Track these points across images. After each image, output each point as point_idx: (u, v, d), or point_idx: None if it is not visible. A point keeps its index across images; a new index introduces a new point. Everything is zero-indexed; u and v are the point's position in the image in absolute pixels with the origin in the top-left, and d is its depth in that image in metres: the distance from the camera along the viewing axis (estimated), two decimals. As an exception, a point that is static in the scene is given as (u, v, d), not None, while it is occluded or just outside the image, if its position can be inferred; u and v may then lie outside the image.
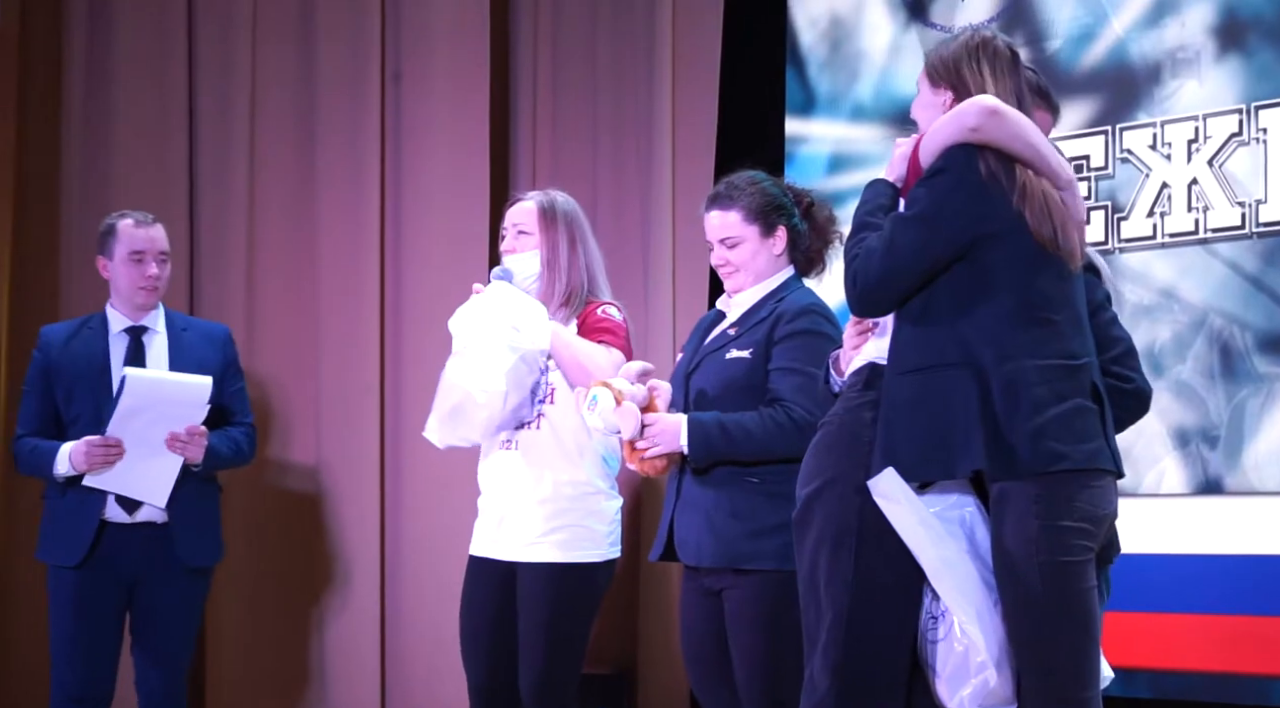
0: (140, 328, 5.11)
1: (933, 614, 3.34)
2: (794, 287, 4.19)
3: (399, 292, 6.45)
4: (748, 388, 4.09)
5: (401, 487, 6.38)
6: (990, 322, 3.25)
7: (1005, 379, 3.21)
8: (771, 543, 3.97)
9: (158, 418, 4.90)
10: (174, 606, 5.04)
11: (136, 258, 5.07)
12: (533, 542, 4.36)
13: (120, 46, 6.44)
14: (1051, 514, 3.19)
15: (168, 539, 4.99)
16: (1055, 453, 3.20)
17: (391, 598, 6.37)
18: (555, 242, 4.51)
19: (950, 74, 3.44)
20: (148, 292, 5.09)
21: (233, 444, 5.12)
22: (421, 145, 6.52)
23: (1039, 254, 3.28)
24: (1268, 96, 5.17)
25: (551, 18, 6.73)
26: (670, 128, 6.39)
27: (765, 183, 4.23)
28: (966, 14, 5.83)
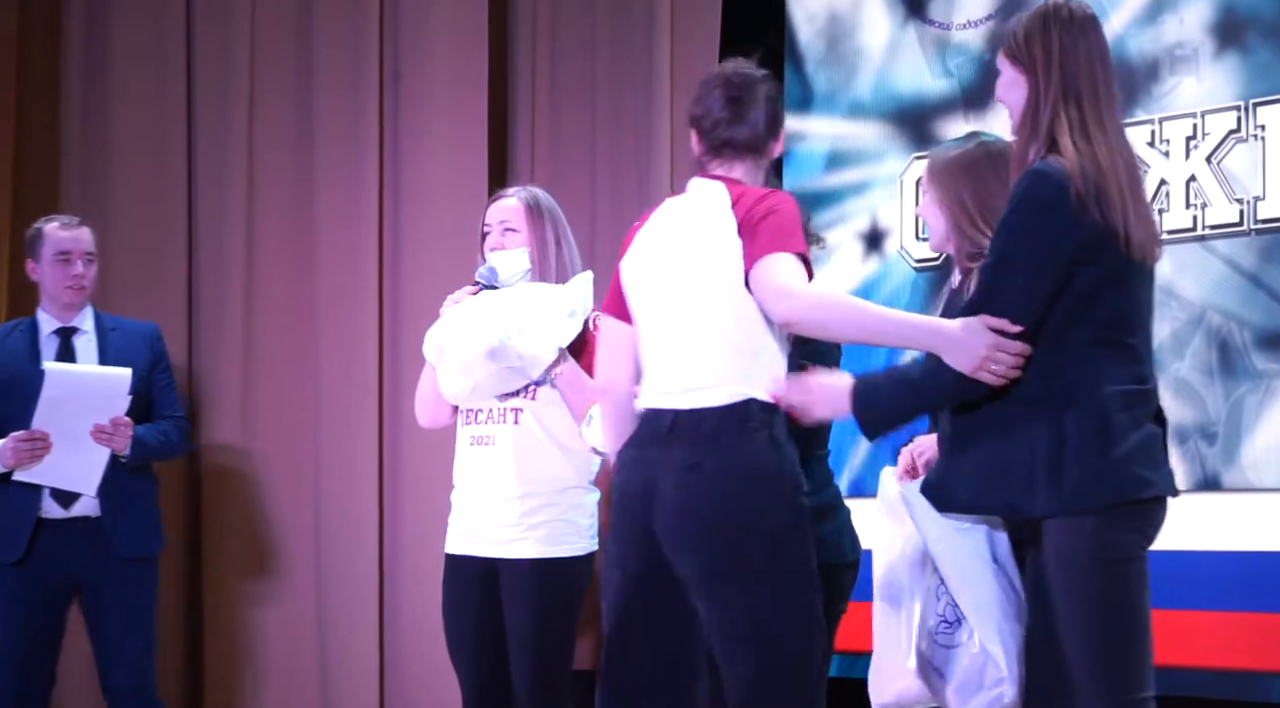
0: (70, 329, 5.23)
1: (945, 619, 3.32)
2: None
3: (397, 291, 6.45)
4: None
5: (400, 485, 6.38)
6: (1071, 348, 3.19)
7: (1090, 408, 3.17)
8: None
9: (81, 410, 5.01)
10: (120, 598, 5.13)
11: (63, 258, 5.18)
12: (516, 538, 4.31)
13: (119, 46, 6.45)
14: (1119, 544, 3.17)
15: (103, 533, 5.09)
16: (1143, 480, 3.18)
17: (390, 597, 6.37)
18: (543, 239, 4.48)
19: (1021, 51, 3.34)
20: (74, 291, 5.19)
21: (161, 436, 5.22)
22: (420, 145, 6.52)
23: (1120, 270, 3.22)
24: (1266, 93, 5.17)
25: (550, 17, 6.73)
26: (669, 125, 6.39)
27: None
28: (964, 11, 5.83)
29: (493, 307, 4.31)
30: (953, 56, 5.86)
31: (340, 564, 6.35)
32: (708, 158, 3.70)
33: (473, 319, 4.30)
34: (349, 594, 6.33)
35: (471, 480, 4.38)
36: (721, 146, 3.68)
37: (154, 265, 6.40)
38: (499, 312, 4.28)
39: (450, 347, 4.32)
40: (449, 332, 4.34)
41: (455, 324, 4.33)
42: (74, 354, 5.20)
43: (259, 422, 6.42)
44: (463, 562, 4.39)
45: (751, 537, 3.45)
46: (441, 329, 4.37)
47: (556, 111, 6.71)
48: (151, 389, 5.26)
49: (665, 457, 3.52)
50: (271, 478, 6.39)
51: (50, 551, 5.07)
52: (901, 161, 5.89)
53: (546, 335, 4.27)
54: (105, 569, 5.10)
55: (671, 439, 3.52)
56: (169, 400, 5.33)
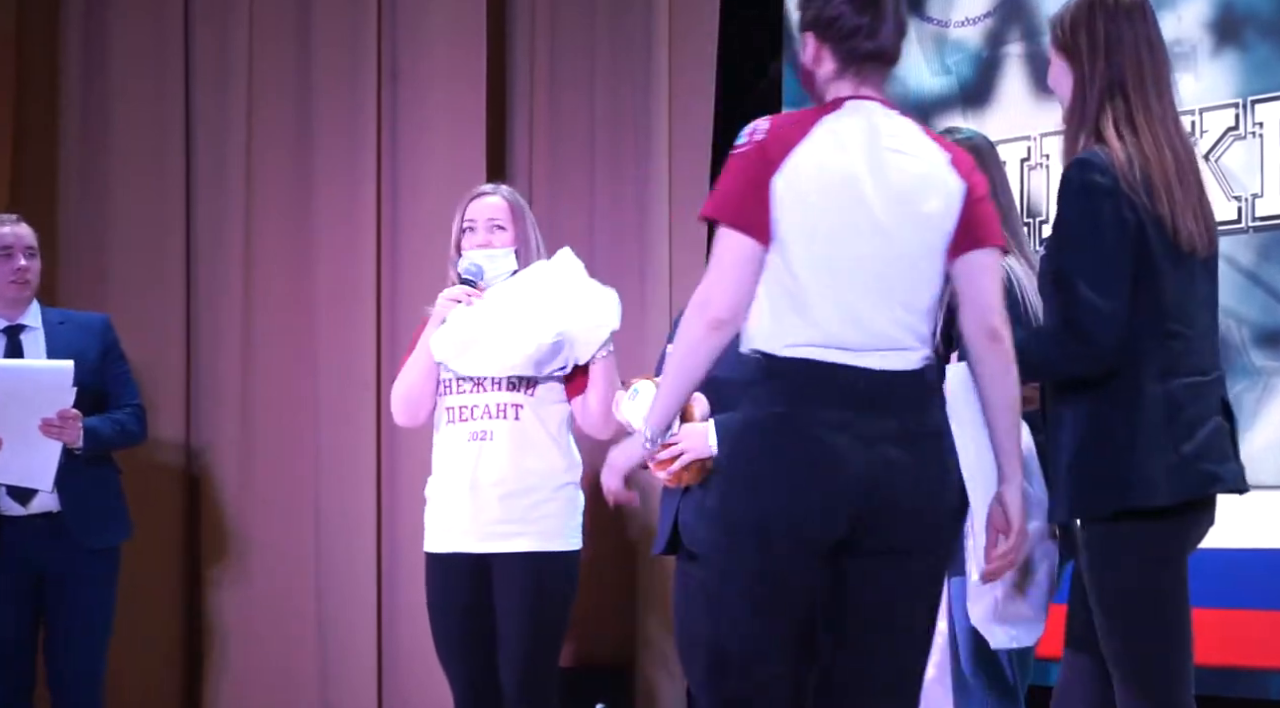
0: (18, 326, 5.22)
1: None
2: None
3: (395, 288, 6.45)
4: None
5: (398, 482, 6.38)
6: (1133, 338, 3.17)
7: (1160, 400, 3.16)
8: None
9: (27, 406, 5.00)
10: (81, 590, 5.13)
11: (5, 253, 5.18)
12: (517, 532, 4.32)
13: (117, 45, 6.45)
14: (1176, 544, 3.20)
15: (65, 527, 5.08)
16: (1211, 476, 3.20)
17: (389, 594, 6.38)
18: (526, 237, 4.50)
19: (1067, 40, 3.29)
20: (18, 285, 5.19)
21: (116, 425, 5.20)
22: (418, 142, 6.52)
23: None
24: (1264, 91, 5.17)
25: (548, 14, 6.73)
26: (667, 122, 6.40)
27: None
28: (962, 8, 5.83)
29: (533, 295, 4.30)
30: (951, 53, 5.86)
31: (338, 562, 6.35)
32: (840, 73, 3.15)
33: (513, 310, 4.29)
34: (347, 592, 6.33)
35: (466, 476, 4.35)
36: (864, 59, 3.14)
37: (153, 264, 6.40)
38: (544, 301, 4.28)
39: (490, 338, 4.29)
40: (477, 325, 4.31)
41: (486, 317, 4.30)
42: (21, 351, 5.18)
43: (257, 419, 6.42)
44: (453, 560, 4.38)
45: (959, 523, 3.33)
46: (462, 326, 4.34)
47: (555, 109, 6.71)
48: (105, 380, 5.24)
49: (878, 425, 3.02)
50: (269, 475, 6.39)
51: (14, 549, 5.06)
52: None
53: (599, 319, 4.32)
54: (70, 562, 5.09)
55: (881, 405, 3.04)
56: (125, 390, 5.31)
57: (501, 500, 4.32)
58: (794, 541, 2.99)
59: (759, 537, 3.00)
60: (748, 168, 3.05)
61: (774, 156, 3.05)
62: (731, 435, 3.13)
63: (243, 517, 6.34)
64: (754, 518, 3.01)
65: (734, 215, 3.05)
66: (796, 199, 3.04)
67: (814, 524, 2.99)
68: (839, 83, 3.15)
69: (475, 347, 4.30)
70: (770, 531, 2.99)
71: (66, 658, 5.12)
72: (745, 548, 3.02)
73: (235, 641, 6.33)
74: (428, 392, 4.42)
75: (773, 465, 3.01)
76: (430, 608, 4.43)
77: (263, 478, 6.38)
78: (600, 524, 6.23)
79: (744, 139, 3.08)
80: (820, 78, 3.17)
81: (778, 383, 3.02)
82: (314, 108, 6.54)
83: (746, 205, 3.04)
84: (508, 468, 4.33)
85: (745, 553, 3.02)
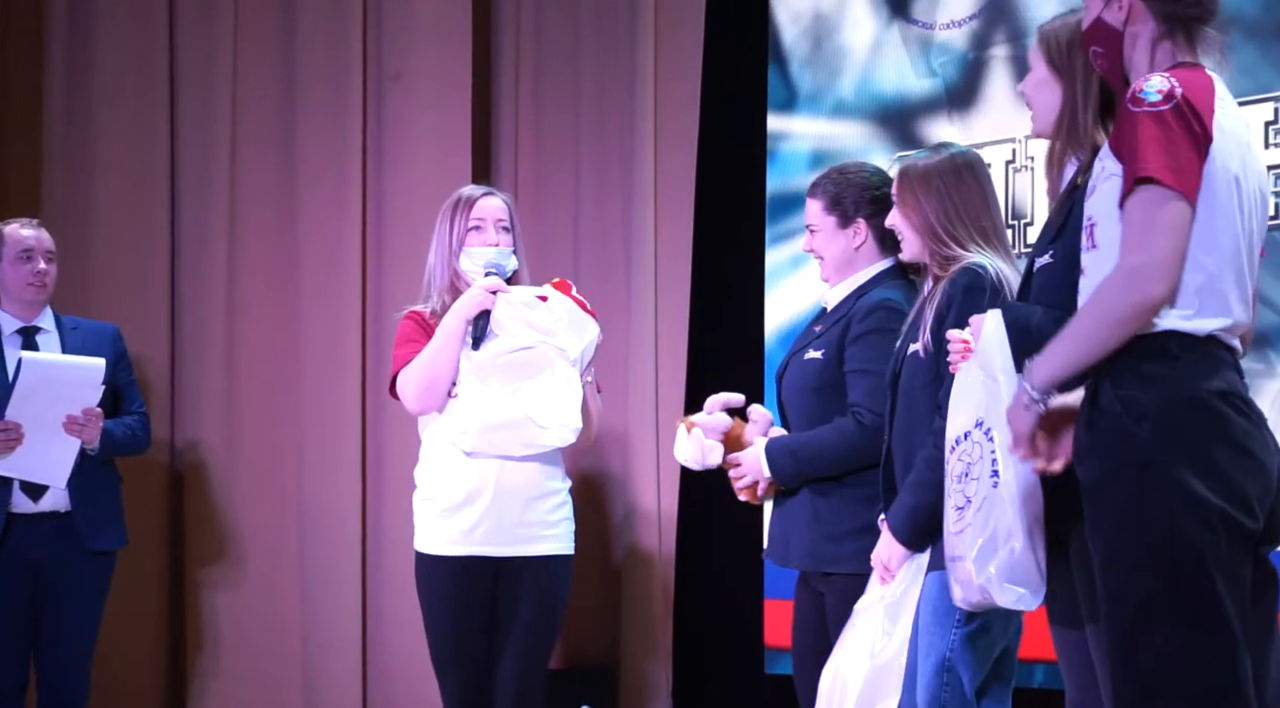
0: (33, 328, 5.29)
1: (957, 506, 3.23)
2: (882, 283, 4.12)
3: (380, 291, 6.44)
4: (819, 389, 4.09)
5: (383, 484, 6.37)
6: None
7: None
8: (850, 547, 3.97)
9: (54, 400, 5.06)
10: (79, 590, 5.20)
11: (25, 256, 5.25)
12: (540, 536, 4.46)
13: (101, 49, 6.42)
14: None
15: (71, 526, 5.15)
16: None
17: (373, 596, 6.37)
18: (521, 241, 4.64)
19: (1061, 58, 3.27)
20: (36, 288, 5.26)
21: (127, 430, 5.30)
22: (403, 147, 6.51)
23: None
24: (1250, 93, 5.17)
25: (533, 17, 6.73)
26: (652, 124, 6.39)
27: (862, 174, 4.21)
28: (948, 11, 5.83)
29: (519, 389, 4.41)
30: (936, 56, 5.86)
31: (322, 564, 6.34)
32: (1182, 38, 3.02)
33: (502, 400, 4.40)
34: (331, 594, 6.32)
35: (489, 482, 4.42)
36: (1190, 21, 3.03)
37: (137, 266, 6.38)
38: (528, 397, 4.40)
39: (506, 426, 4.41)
40: (494, 410, 4.40)
41: (501, 402, 4.40)
42: (37, 351, 5.23)
43: (241, 421, 6.40)
44: (470, 563, 4.43)
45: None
46: (480, 410, 4.41)
47: (540, 112, 6.70)
48: (116, 385, 5.32)
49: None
50: (254, 477, 6.38)
51: (18, 544, 5.11)
52: (885, 161, 5.87)
53: (570, 409, 4.43)
54: (69, 560, 5.15)
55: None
56: (131, 396, 5.41)
57: (526, 505, 4.43)
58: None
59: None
60: (1185, 128, 2.84)
61: (1205, 118, 2.87)
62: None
63: (227, 517, 6.32)
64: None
65: (1187, 183, 2.82)
66: (1221, 167, 2.87)
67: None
68: (1167, 43, 3.01)
69: (494, 432, 4.40)
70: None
71: (55, 657, 5.16)
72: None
73: (220, 642, 6.31)
74: (450, 378, 4.45)
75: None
76: (435, 611, 4.49)
77: (247, 479, 6.37)
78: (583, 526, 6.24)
79: (1156, 97, 2.86)
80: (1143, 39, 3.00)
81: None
82: (299, 111, 6.52)
83: (1196, 172, 2.84)
84: (531, 474, 4.44)
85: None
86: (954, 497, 3.25)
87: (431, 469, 4.51)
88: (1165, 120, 2.83)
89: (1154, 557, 2.80)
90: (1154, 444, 2.80)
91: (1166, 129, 2.83)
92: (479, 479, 4.43)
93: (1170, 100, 2.84)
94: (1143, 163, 2.82)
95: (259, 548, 6.36)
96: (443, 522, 4.46)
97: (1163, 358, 2.84)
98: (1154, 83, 2.87)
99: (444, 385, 4.45)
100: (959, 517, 3.23)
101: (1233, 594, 2.79)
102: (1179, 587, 2.78)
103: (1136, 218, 2.82)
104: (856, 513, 3.97)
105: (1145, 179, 2.81)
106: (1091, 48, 3.07)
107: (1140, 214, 2.82)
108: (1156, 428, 2.80)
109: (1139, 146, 2.83)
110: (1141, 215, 2.82)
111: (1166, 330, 2.84)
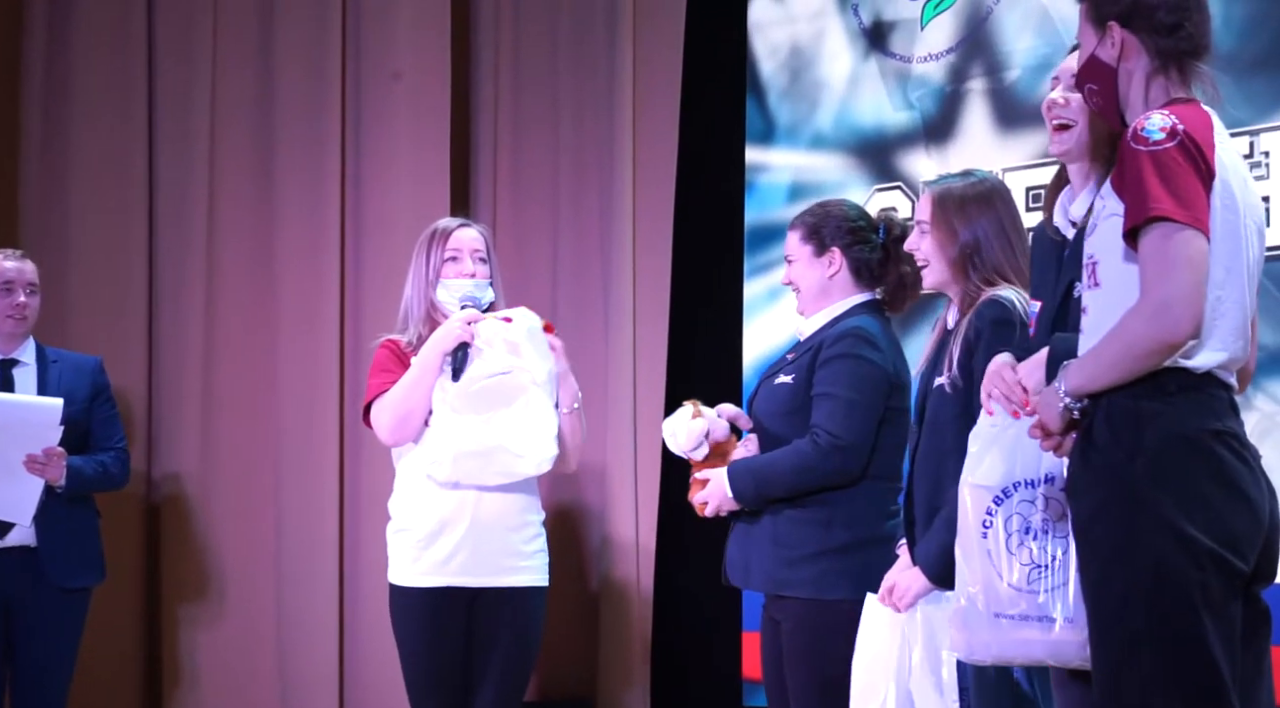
0: (11, 361, 5.28)
1: (1038, 564, 3.16)
2: (856, 314, 4.13)
3: (359, 321, 6.42)
4: (790, 413, 4.09)
5: (360, 513, 6.35)
6: None
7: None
8: (807, 572, 3.98)
9: (13, 439, 5.06)
10: (49, 627, 5.16)
11: (6, 288, 5.25)
12: (517, 567, 4.45)
13: (79, 78, 6.41)
14: None
15: (39, 562, 5.12)
16: None
17: (350, 624, 6.34)
18: (497, 272, 4.67)
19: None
20: (15, 320, 5.26)
21: (99, 467, 5.26)
22: (381, 176, 6.50)
23: None
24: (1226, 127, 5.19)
25: (513, 47, 6.74)
26: (631, 156, 6.40)
27: (841, 207, 4.24)
28: (926, 44, 5.86)
29: (498, 421, 4.41)
30: (914, 89, 5.88)
31: (300, 592, 6.32)
32: (1175, 73, 3.00)
33: (481, 432, 4.40)
34: (308, 622, 6.30)
35: (466, 513, 4.42)
36: (1183, 56, 3.01)
37: (114, 296, 6.37)
38: (502, 425, 4.40)
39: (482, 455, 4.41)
40: (469, 438, 4.40)
41: (476, 430, 4.40)
42: (13, 385, 5.24)
43: (219, 450, 6.38)
44: (446, 594, 4.42)
45: None
46: (453, 438, 4.40)
47: (519, 142, 6.70)
48: (91, 421, 5.30)
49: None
50: (231, 506, 6.36)
51: None
52: (863, 193, 5.90)
53: (545, 436, 4.42)
54: (38, 597, 5.12)
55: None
56: (109, 432, 5.37)
57: (504, 534, 4.44)
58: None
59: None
60: (1191, 165, 2.83)
61: (1207, 154, 2.85)
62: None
63: (204, 551, 6.30)
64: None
65: (1200, 217, 2.80)
66: (1222, 202, 2.87)
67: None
68: (1169, 79, 2.99)
69: (467, 460, 4.40)
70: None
71: (29, 696, 5.13)
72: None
73: (198, 677, 6.28)
74: (425, 411, 4.45)
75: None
76: (411, 643, 4.48)
77: (224, 512, 6.34)
78: (561, 558, 6.22)
79: (1160, 135, 2.84)
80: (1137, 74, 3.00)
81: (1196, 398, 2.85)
82: (276, 141, 6.51)
83: (1205, 205, 2.83)
84: (507, 505, 4.44)
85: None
86: (1019, 552, 3.18)
87: (406, 501, 4.50)
88: (1171, 157, 2.82)
89: (1142, 594, 2.79)
90: (1146, 482, 2.80)
91: (1172, 166, 2.82)
92: (454, 510, 4.42)
93: (1174, 137, 2.83)
94: (1154, 202, 2.81)
95: (236, 582, 6.34)
96: (417, 553, 4.45)
97: (1160, 395, 2.83)
98: (1156, 120, 2.86)
99: (419, 418, 4.44)
100: (1040, 574, 3.16)
101: (1220, 633, 2.78)
102: (1166, 624, 2.77)
103: (1154, 256, 2.81)
104: (815, 537, 3.98)
105: (1158, 218, 2.80)
106: (1086, 85, 3.07)
107: (1157, 251, 2.81)
108: (1149, 466, 2.80)
109: (1146, 185, 2.82)
110: (1159, 252, 2.81)
111: (1166, 367, 2.83)
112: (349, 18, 6.55)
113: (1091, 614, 2.87)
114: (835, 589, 3.90)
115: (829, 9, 6.13)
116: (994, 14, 5.68)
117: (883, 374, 3.98)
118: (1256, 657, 2.90)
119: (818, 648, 3.94)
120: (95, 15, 6.44)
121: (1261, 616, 2.91)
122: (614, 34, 6.47)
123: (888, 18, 5.97)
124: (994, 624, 3.20)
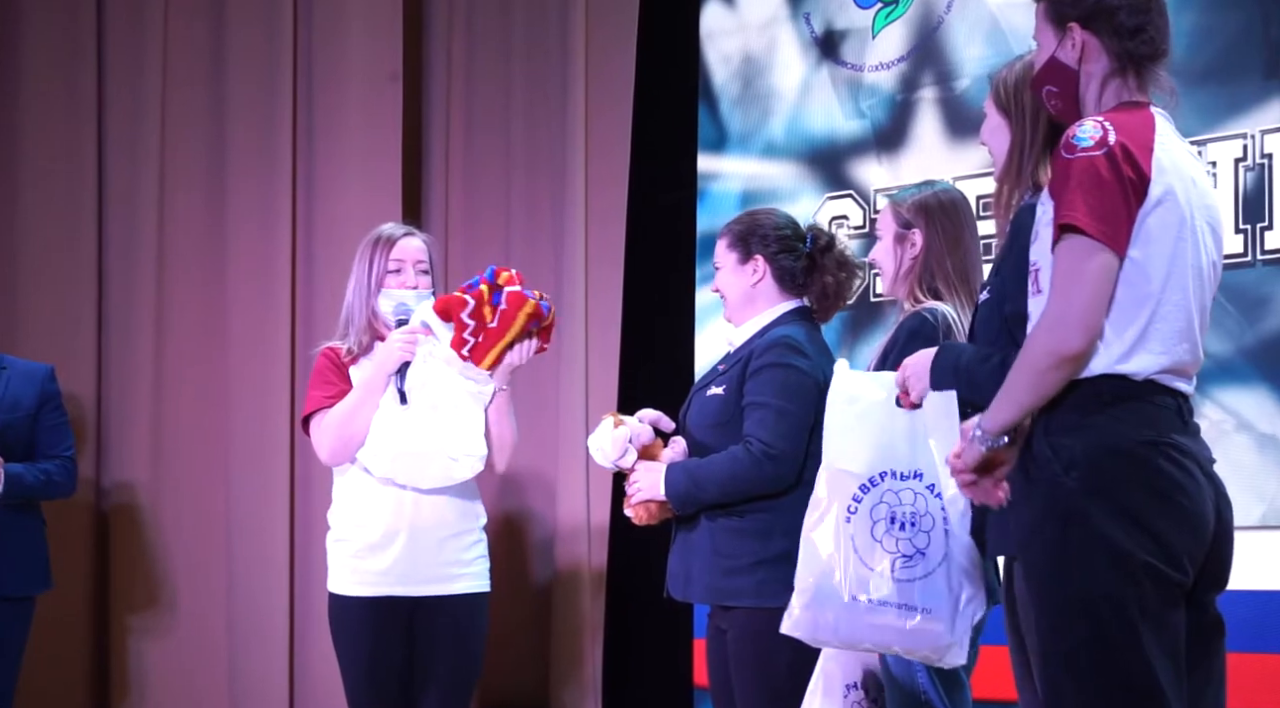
0: None
1: (905, 554, 3.23)
2: (785, 323, 4.15)
3: (310, 328, 6.41)
4: (721, 425, 4.10)
5: (312, 523, 6.32)
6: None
7: None
8: (749, 580, 3.98)
9: None
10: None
11: None
12: (456, 575, 4.43)
13: (26, 84, 6.39)
14: None
15: None
16: None
17: (300, 634, 6.32)
18: (439, 281, 4.65)
19: (1009, 100, 3.24)
20: None
21: (42, 475, 5.23)
22: (333, 182, 6.49)
23: None
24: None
25: (465, 56, 6.74)
26: (583, 163, 6.41)
27: (771, 216, 4.25)
28: (877, 53, 5.87)
29: (431, 424, 4.40)
30: (865, 97, 5.90)
31: (250, 602, 6.30)
32: (1132, 77, 2.98)
33: (441, 426, 4.40)
34: (259, 632, 6.28)
35: (404, 521, 4.40)
36: (1141, 60, 2.98)
37: (63, 303, 6.34)
38: (439, 428, 4.39)
39: (422, 454, 4.40)
40: (409, 439, 4.40)
41: (417, 431, 4.40)
42: None
43: (168, 458, 6.36)
44: (385, 604, 4.40)
45: None
46: (392, 438, 4.40)
47: (470, 149, 6.71)
48: (37, 429, 5.27)
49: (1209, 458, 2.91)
50: (181, 515, 6.34)
51: None
52: (815, 201, 5.91)
53: (475, 438, 4.42)
54: None
55: (1198, 437, 2.91)
56: (55, 440, 5.34)
57: (442, 542, 4.41)
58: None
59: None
60: (1115, 175, 2.80)
61: (1140, 160, 2.82)
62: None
63: (152, 555, 6.27)
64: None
65: (1106, 231, 2.79)
66: (1162, 207, 2.83)
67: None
68: (1126, 85, 2.97)
69: (406, 459, 4.39)
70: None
71: None
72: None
73: (146, 687, 6.26)
74: (366, 432, 4.43)
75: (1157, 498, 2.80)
76: (351, 653, 4.45)
77: (174, 520, 6.33)
78: (511, 565, 6.21)
79: (1089, 142, 2.82)
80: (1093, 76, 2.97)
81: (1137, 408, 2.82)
82: (228, 147, 6.51)
83: (1120, 215, 2.80)
84: (445, 512, 4.42)
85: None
86: (884, 540, 3.26)
87: (345, 510, 4.49)
88: (1095, 167, 2.80)
89: (1078, 608, 2.77)
90: (1079, 494, 2.78)
91: (1096, 176, 2.79)
92: (394, 518, 4.40)
93: (1103, 147, 2.80)
94: (1069, 211, 2.80)
95: (186, 591, 6.31)
96: (357, 563, 4.43)
97: (1096, 405, 2.81)
98: (1086, 128, 2.84)
99: (360, 440, 4.43)
100: (906, 564, 3.22)
101: (1161, 646, 2.77)
102: (1103, 639, 2.75)
103: (1061, 267, 2.81)
104: (754, 547, 3.99)
105: (1070, 227, 2.79)
106: (1045, 88, 3.04)
107: (1064, 264, 2.80)
108: (1082, 477, 2.78)
109: (1067, 194, 2.81)
110: (1065, 265, 2.80)
111: (1101, 375, 2.81)
112: (300, 26, 6.54)
113: (1032, 630, 2.87)
114: (777, 597, 3.91)
115: (781, 18, 6.15)
116: (945, 23, 5.71)
117: (812, 382, 3.99)
118: (1207, 666, 2.89)
119: (763, 657, 3.94)
120: (44, 25, 6.41)
121: (1212, 624, 2.90)
122: (566, 42, 6.48)
123: (839, 27, 5.99)
124: (850, 606, 3.25)
